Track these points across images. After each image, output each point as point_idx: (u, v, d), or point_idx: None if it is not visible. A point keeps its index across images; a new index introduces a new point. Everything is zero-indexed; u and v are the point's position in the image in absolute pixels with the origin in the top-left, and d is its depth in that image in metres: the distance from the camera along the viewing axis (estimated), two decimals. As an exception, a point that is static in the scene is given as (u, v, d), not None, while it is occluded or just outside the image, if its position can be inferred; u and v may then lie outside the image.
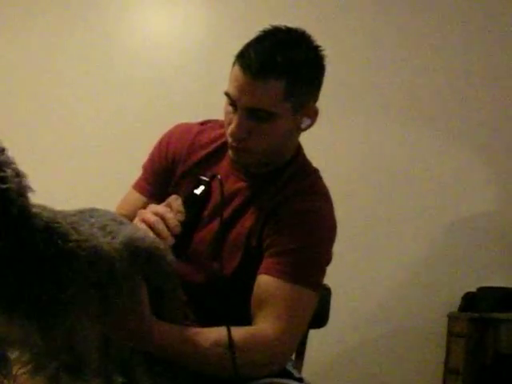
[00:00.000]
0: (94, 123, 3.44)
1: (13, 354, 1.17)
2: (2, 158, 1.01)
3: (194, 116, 1.81)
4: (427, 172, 3.38)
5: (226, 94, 1.50)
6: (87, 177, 3.37)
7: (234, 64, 1.50)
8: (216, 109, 1.73)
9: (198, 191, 1.54)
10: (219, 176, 1.54)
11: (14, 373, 1.19)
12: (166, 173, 1.68)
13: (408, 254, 3.34)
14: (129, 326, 1.29)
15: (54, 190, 1.14)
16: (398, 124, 3.39)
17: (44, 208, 1.11)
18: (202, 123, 1.73)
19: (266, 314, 1.44)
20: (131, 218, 1.65)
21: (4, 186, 0.98)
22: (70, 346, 1.10)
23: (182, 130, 1.71)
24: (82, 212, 1.27)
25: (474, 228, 3.36)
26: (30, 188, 1.05)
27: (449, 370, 3.15)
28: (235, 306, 1.49)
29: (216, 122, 1.72)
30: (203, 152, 1.66)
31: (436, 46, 3.43)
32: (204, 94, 3.34)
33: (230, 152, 1.56)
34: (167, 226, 1.46)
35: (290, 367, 1.55)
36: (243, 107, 1.47)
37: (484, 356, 2.96)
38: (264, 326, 1.43)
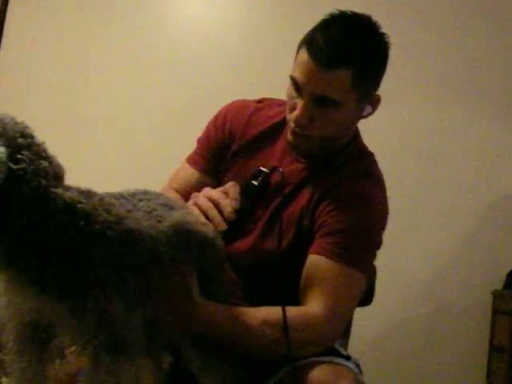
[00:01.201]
0: (137, 112, 3.45)
1: (57, 338, 1.20)
2: (21, 141, 1.03)
3: (234, 97, 1.81)
4: (470, 150, 3.34)
5: (292, 78, 1.49)
6: (128, 168, 3.38)
7: (299, 48, 1.49)
8: (254, 88, 1.73)
9: (256, 182, 1.54)
10: (280, 169, 1.54)
11: (61, 355, 1.22)
12: (220, 148, 1.68)
13: (451, 232, 3.31)
14: (177, 308, 1.31)
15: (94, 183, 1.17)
16: (434, 104, 3.35)
17: (77, 190, 1.12)
18: (259, 101, 1.73)
19: (315, 294, 1.45)
20: (183, 192, 1.67)
21: (16, 167, 1.00)
22: (107, 326, 1.11)
23: (238, 106, 1.72)
24: (132, 195, 1.28)
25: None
26: (56, 171, 1.07)
27: (494, 348, 3.12)
28: (284, 286, 1.49)
29: (272, 100, 1.72)
30: (259, 130, 1.66)
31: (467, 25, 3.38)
32: (242, 75, 3.35)
33: (289, 136, 1.56)
34: (220, 212, 1.46)
35: (337, 345, 1.55)
36: (309, 94, 1.46)
37: (529, 333, 2.93)
38: (313, 305, 1.44)
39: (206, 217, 1.45)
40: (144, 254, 1.17)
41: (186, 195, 1.65)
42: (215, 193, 1.51)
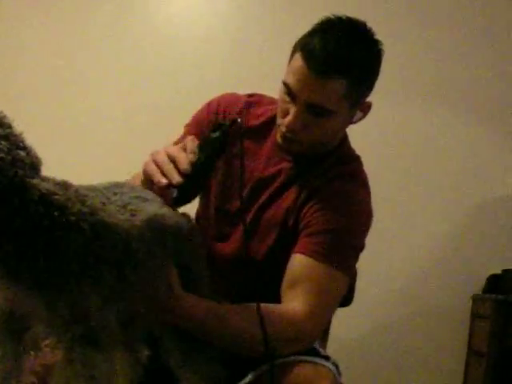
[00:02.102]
0: (122, 105, 3.44)
1: (31, 329, 1.19)
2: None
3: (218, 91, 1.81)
4: (452, 154, 3.36)
5: (285, 84, 1.48)
6: (112, 165, 3.35)
7: (294, 52, 1.48)
8: (243, 85, 1.73)
9: (214, 134, 1.45)
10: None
11: (37, 347, 1.21)
12: None
13: (433, 236, 3.33)
14: (157, 300, 1.29)
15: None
16: (423, 106, 3.36)
17: (53, 181, 1.11)
18: (249, 95, 1.72)
19: (297, 292, 1.44)
20: None
21: None
22: (81, 319, 1.11)
23: (230, 99, 1.71)
24: (107, 188, 1.26)
25: (500, 210, 3.33)
26: (34, 161, 1.06)
27: (472, 352, 3.14)
28: (266, 284, 1.50)
29: (262, 97, 1.72)
30: (248, 126, 1.65)
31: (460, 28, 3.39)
32: (231, 71, 3.34)
33: (279, 139, 1.56)
34: (177, 166, 1.37)
35: (316, 345, 1.54)
36: (303, 102, 1.46)
37: (508, 338, 2.94)
38: (294, 304, 1.43)
39: (162, 171, 1.36)
40: (118, 247, 1.16)
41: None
42: (173, 148, 1.42)
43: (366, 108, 1.57)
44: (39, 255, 1.07)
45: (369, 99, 1.57)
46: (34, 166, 1.07)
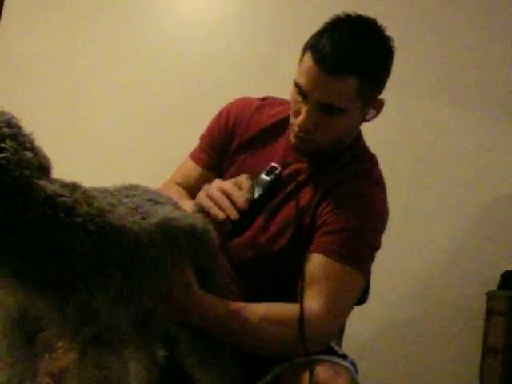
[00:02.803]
0: (128, 107, 3.43)
1: (44, 331, 1.19)
2: (6, 130, 1.02)
3: (231, 93, 1.80)
4: (465, 150, 3.33)
5: (297, 84, 1.48)
6: (116, 165, 3.36)
7: (304, 52, 1.48)
8: (249, 89, 1.74)
9: (268, 177, 1.55)
10: (293, 164, 1.55)
11: (51, 349, 1.20)
12: (223, 145, 1.69)
13: (446, 234, 3.31)
14: (173, 300, 1.30)
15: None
16: (432, 104, 3.34)
17: (61, 183, 1.10)
18: (262, 99, 1.73)
19: (313, 292, 1.44)
20: (186, 187, 1.69)
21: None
22: (91, 320, 1.10)
23: (241, 104, 1.72)
24: (118, 191, 1.27)
25: (513, 206, 3.32)
26: (42, 162, 1.06)
27: (487, 349, 3.12)
28: (281, 283, 1.51)
29: (275, 99, 1.73)
30: (261, 127, 1.66)
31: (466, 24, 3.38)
32: (240, 71, 3.33)
33: (292, 139, 1.56)
34: (233, 203, 1.47)
35: (333, 344, 1.54)
36: (315, 101, 1.45)
37: (524, 335, 2.92)
38: (311, 304, 1.42)
39: (218, 206, 1.46)
40: (126, 248, 1.16)
41: (189, 190, 1.68)
42: (228, 184, 1.51)
43: (378, 106, 1.56)
44: (46, 256, 1.07)
45: (380, 96, 1.56)
46: (42, 167, 1.07)
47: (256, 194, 1.51)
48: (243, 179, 1.51)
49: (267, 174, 1.55)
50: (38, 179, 1.05)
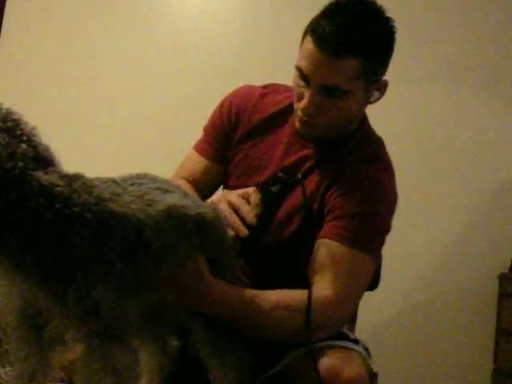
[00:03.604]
0: (136, 98, 3.42)
1: (53, 323, 1.18)
2: (0, 124, 1.04)
3: (232, 82, 1.80)
4: (476, 134, 3.31)
5: (298, 68, 1.47)
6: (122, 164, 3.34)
7: (304, 36, 1.47)
8: (252, 81, 1.73)
9: (274, 188, 1.53)
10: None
11: (61, 341, 1.20)
12: (227, 134, 1.68)
13: (457, 217, 3.30)
14: (186, 288, 1.29)
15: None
16: (442, 90, 3.32)
17: (59, 174, 1.10)
18: (265, 86, 1.71)
19: (325, 277, 1.43)
20: (191, 180, 1.68)
21: None
22: (94, 311, 1.10)
23: (244, 92, 1.70)
24: (124, 180, 1.26)
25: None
26: (40, 154, 1.08)
27: (501, 331, 3.11)
28: (292, 270, 1.50)
29: (278, 86, 1.71)
30: (265, 115, 1.65)
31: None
32: (239, 68, 3.31)
33: (297, 124, 1.54)
34: (242, 218, 1.47)
35: (345, 329, 1.53)
36: (317, 84, 1.44)
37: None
38: (323, 289, 1.42)
39: (229, 224, 1.46)
40: (129, 236, 1.14)
41: (195, 183, 1.67)
42: (235, 198, 1.51)
43: (382, 87, 1.54)
44: (44, 248, 1.07)
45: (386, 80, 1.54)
46: (40, 159, 1.08)
47: (263, 208, 1.50)
48: (251, 192, 1.50)
49: (273, 184, 1.53)
50: (34, 170, 1.05)
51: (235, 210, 1.48)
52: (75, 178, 1.12)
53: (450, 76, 3.34)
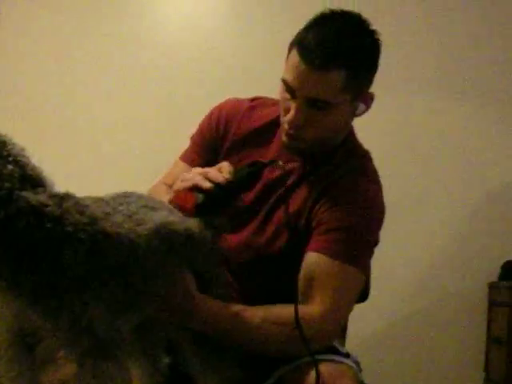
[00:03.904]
0: (118, 110, 3.42)
1: (43, 342, 1.19)
2: None
3: (223, 96, 1.79)
4: (463, 142, 3.33)
5: (284, 81, 1.48)
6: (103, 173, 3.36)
7: (290, 49, 1.47)
8: (243, 92, 1.73)
9: (250, 169, 1.49)
10: (280, 162, 1.51)
11: (52, 360, 1.20)
12: (214, 145, 1.68)
13: (446, 225, 3.31)
14: (175, 306, 1.29)
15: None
16: (429, 99, 3.34)
17: (49, 193, 1.10)
18: (253, 99, 1.72)
19: (314, 291, 1.43)
20: None
21: None
22: (87, 330, 1.10)
23: (232, 104, 1.71)
24: (113, 199, 1.26)
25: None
26: (28, 174, 1.08)
27: (492, 340, 3.11)
28: (280, 284, 1.49)
29: (266, 99, 1.72)
30: (252, 128, 1.65)
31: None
32: (230, 78, 3.32)
33: (284, 137, 1.54)
34: (210, 180, 1.41)
35: (335, 343, 1.53)
36: (303, 97, 1.45)
37: (527, 325, 2.92)
38: (311, 303, 1.42)
39: (193, 184, 1.41)
40: (122, 256, 1.15)
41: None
42: (204, 168, 1.47)
43: (368, 100, 1.55)
44: (37, 268, 1.07)
45: (372, 92, 1.55)
46: (27, 178, 1.08)
47: (235, 179, 1.44)
48: (224, 163, 1.47)
49: (250, 166, 1.49)
50: (22, 190, 1.05)
51: (204, 174, 1.43)
52: (66, 197, 1.12)
53: (434, 86, 3.36)
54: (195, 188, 1.42)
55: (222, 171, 1.44)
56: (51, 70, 3.44)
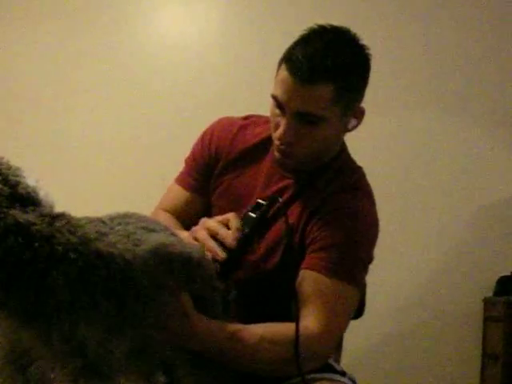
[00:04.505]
0: (108, 130, 3.43)
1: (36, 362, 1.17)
2: None
3: (215, 115, 1.80)
4: (458, 157, 3.34)
5: (274, 96, 1.48)
6: (94, 183, 3.36)
7: (280, 65, 1.48)
8: (236, 109, 1.74)
9: (254, 214, 1.53)
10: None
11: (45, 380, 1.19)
12: (208, 166, 1.68)
13: (441, 241, 3.31)
14: (172, 328, 1.29)
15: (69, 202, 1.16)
16: (423, 113, 3.36)
17: (39, 213, 1.09)
18: (245, 118, 1.72)
19: (308, 310, 1.42)
20: (174, 212, 1.68)
21: None
22: (79, 351, 1.09)
23: (224, 124, 1.71)
24: (111, 219, 1.25)
25: (507, 211, 3.31)
26: (17, 192, 1.08)
27: (488, 355, 3.11)
28: (276, 302, 1.49)
29: (259, 117, 1.72)
30: (245, 147, 1.65)
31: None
32: (223, 95, 3.33)
33: (275, 154, 1.55)
34: (220, 242, 1.45)
35: (331, 361, 1.54)
36: (292, 112, 1.45)
37: (523, 340, 2.92)
38: (307, 322, 1.41)
39: (206, 247, 1.44)
40: (116, 276, 1.14)
41: (177, 215, 1.67)
42: (214, 224, 1.49)
43: (359, 114, 1.55)
44: (26, 287, 1.06)
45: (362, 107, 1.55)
46: (17, 198, 1.08)
47: (243, 233, 1.48)
48: (231, 217, 1.49)
49: (253, 211, 1.52)
50: (10, 208, 1.05)
51: (214, 234, 1.47)
52: (58, 217, 1.11)
53: (429, 102, 3.37)
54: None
55: (231, 226, 1.46)
56: (45, 82, 3.46)
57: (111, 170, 3.38)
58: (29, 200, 1.09)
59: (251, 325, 1.40)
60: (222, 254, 1.43)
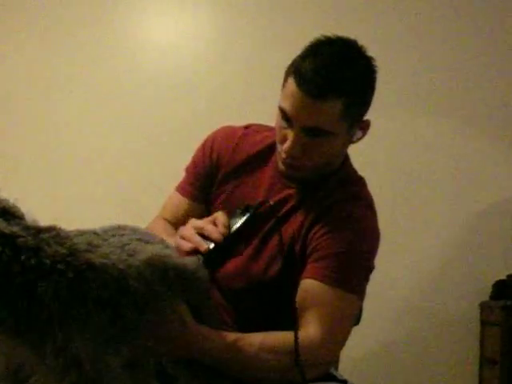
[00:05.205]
0: (100, 132, 3.41)
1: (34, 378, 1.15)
2: None
3: (208, 123, 1.80)
4: (452, 161, 3.34)
5: (281, 109, 1.47)
6: (86, 189, 3.34)
7: (287, 76, 1.48)
8: (229, 115, 1.72)
9: (243, 216, 1.54)
10: (271, 202, 1.54)
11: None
12: (208, 175, 1.68)
13: (437, 245, 3.31)
14: (170, 338, 1.28)
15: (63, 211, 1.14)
16: (421, 118, 3.35)
17: (24, 225, 1.09)
18: (246, 127, 1.72)
19: (309, 318, 1.42)
20: (174, 221, 1.69)
21: None
22: (73, 365, 1.08)
23: (225, 133, 1.70)
24: (105, 231, 1.25)
25: (502, 215, 3.31)
26: (4, 207, 1.08)
27: (485, 360, 3.10)
28: (275, 311, 1.50)
29: (260, 126, 1.72)
30: (246, 155, 1.65)
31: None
32: (216, 101, 3.32)
33: (281, 166, 1.55)
34: (205, 237, 1.46)
35: (332, 370, 1.53)
36: (300, 126, 1.45)
37: (521, 344, 2.91)
38: (309, 331, 1.41)
39: (191, 243, 1.46)
40: (109, 287, 1.13)
41: (177, 224, 1.66)
42: (199, 221, 1.51)
43: (365, 126, 1.56)
44: (16, 301, 1.05)
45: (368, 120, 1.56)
46: (4, 211, 1.08)
47: (231, 232, 1.50)
48: (218, 214, 1.50)
49: (242, 213, 1.53)
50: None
51: (200, 231, 1.49)
52: (45, 229, 1.11)
53: (427, 106, 3.37)
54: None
55: (217, 224, 1.48)
56: (35, 91, 3.43)
57: (105, 177, 3.35)
58: (11, 214, 1.09)
59: (251, 333, 1.40)
60: (204, 246, 1.45)
